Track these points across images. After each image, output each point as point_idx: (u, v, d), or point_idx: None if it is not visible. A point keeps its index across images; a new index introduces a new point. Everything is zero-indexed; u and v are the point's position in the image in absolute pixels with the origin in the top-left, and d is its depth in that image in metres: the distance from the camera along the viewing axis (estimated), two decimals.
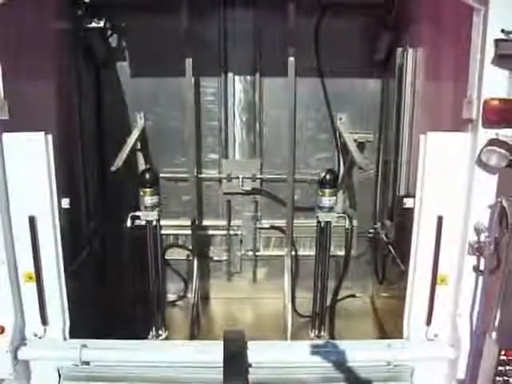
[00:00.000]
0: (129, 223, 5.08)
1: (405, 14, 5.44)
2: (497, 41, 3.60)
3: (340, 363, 4.28)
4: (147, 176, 5.05)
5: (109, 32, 5.91)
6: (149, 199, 5.03)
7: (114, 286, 6.01)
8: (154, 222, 5.11)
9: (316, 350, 4.30)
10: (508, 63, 3.66)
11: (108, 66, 6.07)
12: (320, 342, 4.65)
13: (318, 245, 5.40)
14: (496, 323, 3.85)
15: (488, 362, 3.86)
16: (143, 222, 5.09)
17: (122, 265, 5.43)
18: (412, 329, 4.36)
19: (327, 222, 5.20)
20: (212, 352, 4.18)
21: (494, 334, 3.85)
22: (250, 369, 4.18)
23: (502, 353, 3.76)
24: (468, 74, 3.86)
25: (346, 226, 5.44)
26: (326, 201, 5.10)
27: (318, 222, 5.25)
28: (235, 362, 4.07)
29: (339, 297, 6.23)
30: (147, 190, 5.01)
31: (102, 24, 5.63)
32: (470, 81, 3.82)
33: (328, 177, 5.08)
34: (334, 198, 5.13)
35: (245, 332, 4.38)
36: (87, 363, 4.30)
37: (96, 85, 6.08)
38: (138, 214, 5.07)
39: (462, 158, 3.95)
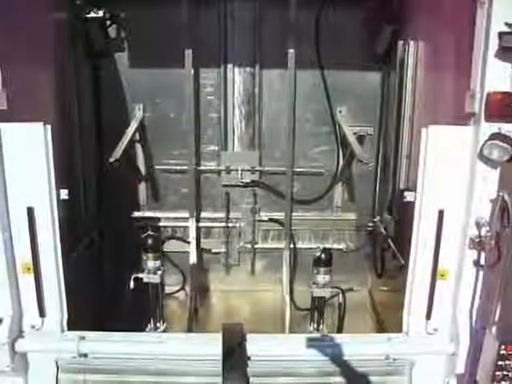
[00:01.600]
0: (131, 285, 5.16)
1: (406, 6, 5.41)
2: (500, 34, 3.56)
3: (339, 357, 4.27)
4: (150, 241, 5.15)
5: (108, 22, 5.86)
6: (151, 263, 5.19)
7: (112, 278, 5.98)
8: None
9: (315, 344, 4.29)
10: (511, 56, 3.63)
11: (107, 57, 6.03)
12: (319, 335, 4.63)
13: (312, 318, 5.50)
14: (496, 318, 3.84)
15: (488, 357, 3.86)
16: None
17: (120, 256, 5.40)
18: (411, 323, 4.33)
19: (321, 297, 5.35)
20: (211, 345, 4.16)
21: (493, 329, 3.85)
22: (248, 361, 4.17)
23: (502, 347, 3.75)
24: (470, 67, 3.83)
25: (339, 301, 5.57)
26: (321, 279, 5.26)
27: (313, 297, 5.38)
28: (234, 354, 4.06)
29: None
30: (150, 254, 5.15)
31: (101, 14, 5.58)
32: (473, 74, 3.79)
33: (323, 256, 5.23)
34: (328, 276, 5.27)
35: (243, 325, 4.37)
36: (85, 355, 4.28)
37: (95, 75, 6.04)
38: (140, 275, 5.18)
39: (463, 151, 3.92)
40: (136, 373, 4.32)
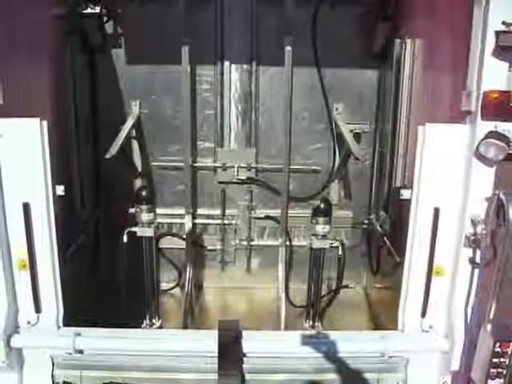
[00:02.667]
0: (125, 239, 5.14)
1: (403, 4, 5.41)
2: (497, 32, 3.58)
3: (334, 354, 4.28)
4: (143, 193, 5.09)
5: (105, 18, 5.85)
6: (145, 216, 5.10)
7: (108, 274, 5.98)
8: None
9: (311, 341, 4.31)
10: (508, 55, 3.64)
11: (103, 53, 6.01)
12: (315, 332, 4.65)
13: (311, 271, 5.50)
14: (491, 315, 3.86)
15: (482, 354, 3.88)
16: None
17: (116, 253, 5.40)
18: (407, 320, 4.36)
19: (320, 248, 5.31)
20: (207, 341, 4.18)
21: (488, 326, 3.86)
22: (244, 358, 4.18)
23: (497, 345, 3.77)
24: (467, 66, 3.85)
25: (339, 254, 5.52)
26: (320, 229, 5.23)
27: (311, 248, 5.36)
28: (230, 351, 4.07)
29: (333, 287, 6.22)
30: (143, 206, 5.08)
31: (97, 10, 5.58)
32: (470, 72, 3.81)
33: (323, 206, 5.21)
34: (328, 226, 5.25)
35: (239, 321, 4.38)
36: (81, 351, 4.28)
37: (91, 72, 6.02)
38: (134, 229, 5.13)
39: (460, 149, 3.94)
40: (132, 369, 4.33)
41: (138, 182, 6.33)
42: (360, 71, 6.08)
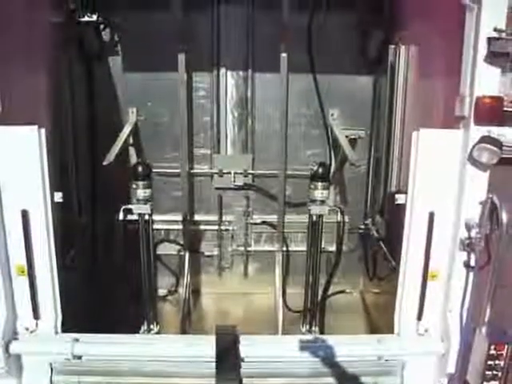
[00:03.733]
0: (121, 216, 5.04)
1: (397, 11, 5.46)
2: (489, 39, 3.63)
3: (331, 357, 4.30)
4: (140, 169, 5.00)
5: (102, 26, 5.89)
6: (141, 192, 4.97)
7: (105, 281, 5.99)
8: (147, 216, 5.08)
9: (308, 345, 4.33)
10: (500, 61, 3.69)
11: (100, 61, 6.05)
12: (312, 336, 4.67)
13: (309, 239, 5.41)
14: (486, 318, 3.90)
15: (478, 357, 3.91)
16: (135, 217, 5.05)
17: (114, 259, 5.42)
18: (403, 324, 4.39)
19: (319, 215, 5.21)
20: (204, 346, 4.20)
21: (483, 329, 3.90)
22: (242, 363, 4.20)
23: (492, 347, 3.81)
24: (460, 72, 3.90)
25: (338, 219, 5.40)
26: (318, 194, 5.10)
27: (310, 215, 5.25)
28: (228, 356, 4.09)
29: (329, 292, 6.24)
30: (140, 183, 4.96)
31: (94, 18, 5.60)
32: (463, 78, 3.86)
33: (320, 170, 5.10)
34: (327, 191, 5.13)
35: (237, 326, 4.40)
36: (79, 357, 4.29)
37: (88, 79, 6.05)
38: (130, 206, 5.02)
39: (453, 154, 3.99)
40: (130, 374, 4.34)
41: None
42: (355, 77, 6.14)
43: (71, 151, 5.54)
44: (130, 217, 5.95)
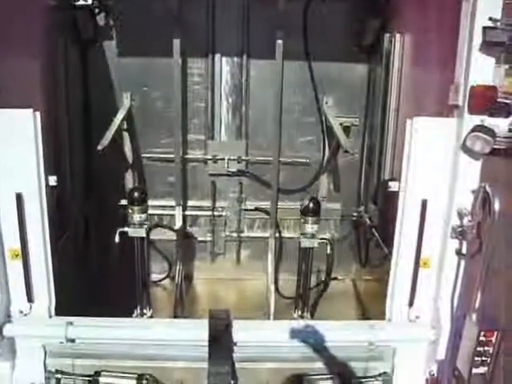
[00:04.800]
0: (117, 239, 5.09)
1: None
2: (485, 28, 3.64)
3: (323, 343, 4.35)
4: (135, 194, 5.08)
5: (96, 10, 5.85)
6: (137, 217, 5.07)
7: (99, 264, 6.02)
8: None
9: (300, 330, 4.37)
10: (495, 51, 3.71)
11: (95, 45, 6.02)
12: (304, 322, 4.70)
13: (300, 268, 5.50)
14: (476, 305, 3.94)
15: (468, 343, 3.96)
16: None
17: (107, 243, 5.42)
18: (394, 310, 4.43)
19: (309, 247, 5.34)
20: (197, 330, 4.22)
21: (474, 316, 3.94)
22: (234, 347, 4.24)
23: (482, 334, 3.86)
24: (455, 61, 3.92)
25: (328, 252, 5.47)
26: (309, 228, 5.24)
27: (300, 248, 5.37)
28: (220, 340, 4.12)
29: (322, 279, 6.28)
30: (135, 207, 5.05)
31: (89, 2, 5.58)
32: (457, 67, 3.88)
33: (311, 205, 5.21)
34: (317, 225, 5.25)
35: (229, 311, 4.43)
36: (73, 340, 4.32)
37: (83, 63, 6.02)
38: (126, 229, 5.09)
39: (447, 142, 4.02)
40: (123, 358, 4.36)
41: (129, 174, 6.36)
42: (350, 65, 6.14)
43: (65, 135, 5.53)
44: (122, 202, 6.03)
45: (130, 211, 5.07)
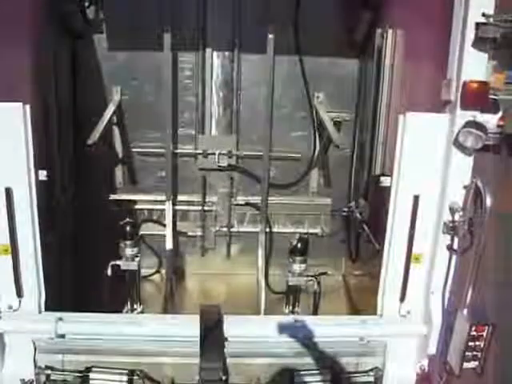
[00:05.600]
0: (109, 272, 5.18)
1: None
2: (477, 24, 3.65)
3: (314, 338, 4.36)
4: (128, 229, 5.19)
5: (86, 3, 5.79)
6: (129, 251, 5.25)
7: (88, 260, 5.97)
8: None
9: (292, 325, 4.38)
10: (487, 46, 3.72)
11: (85, 38, 5.96)
12: (295, 317, 4.70)
13: (286, 301, 5.63)
14: (467, 300, 3.96)
15: (459, 338, 3.99)
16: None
17: (97, 238, 5.40)
18: (385, 305, 4.46)
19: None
20: (189, 326, 4.22)
21: (465, 311, 3.97)
22: (226, 342, 4.23)
23: (473, 328, 3.88)
24: (447, 56, 3.92)
25: (315, 289, 5.51)
26: (297, 267, 5.38)
27: (288, 285, 5.49)
28: (212, 335, 4.12)
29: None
30: (128, 242, 5.22)
31: None
32: (450, 63, 3.89)
33: (299, 246, 5.33)
34: (304, 265, 5.38)
35: (220, 306, 4.43)
36: (62, 336, 4.30)
37: (72, 57, 5.96)
38: (118, 262, 5.23)
39: (439, 138, 4.03)
40: (114, 353, 4.35)
41: (119, 169, 6.32)
42: (341, 60, 6.12)
43: (55, 129, 5.47)
44: (112, 196, 6.00)
45: (122, 246, 5.24)
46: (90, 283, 5.60)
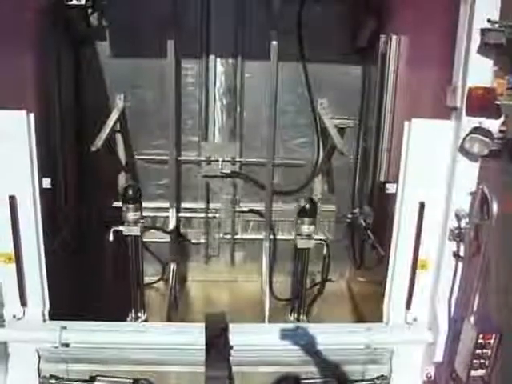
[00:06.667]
0: (110, 237, 5.08)
1: (388, 0, 5.45)
2: (483, 30, 3.64)
3: (320, 346, 4.33)
4: (130, 192, 5.03)
5: (89, 10, 5.80)
6: (132, 215, 5.04)
7: (93, 268, 5.95)
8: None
9: (297, 333, 4.35)
10: (493, 52, 3.71)
11: (88, 45, 5.97)
12: (301, 324, 4.68)
13: (295, 267, 5.49)
14: (474, 308, 3.94)
15: (466, 346, 3.95)
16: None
17: (101, 246, 5.37)
18: (391, 313, 4.43)
19: (305, 248, 5.32)
20: (194, 334, 4.19)
21: (472, 318, 3.94)
22: (231, 351, 4.20)
23: (480, 336, 3.85)
24: (451, 62, 3.91)
25: (324, 253, 5.51)
26: (305, 229, 5.23)
27: (296, 248, 5.35)
28: (217, 344, 4.09)
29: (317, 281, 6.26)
30: (130, 206, 5.02)
31: (82, 2, 5.52)
32: (455, 69, 3.88)
33: (308, 206, 5.20)
34: (313, 226, 5.24)
35: (226, 314, 4.40)
36: (67, 345, 4.26)
37: (76, 64, 5.97)
38: (120, 228, 5.07)
39: (445, 144, 4.01)
40: (118, 362, 4.32)
41: (122, 176, 6.31)
42: (345, 66, 6.11)
43: (58, 136, 5.47)
44: (116, 204, 5.97)
45: (124, 209, 5.03)
46: (94, 291, 5.58)
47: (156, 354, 4.32)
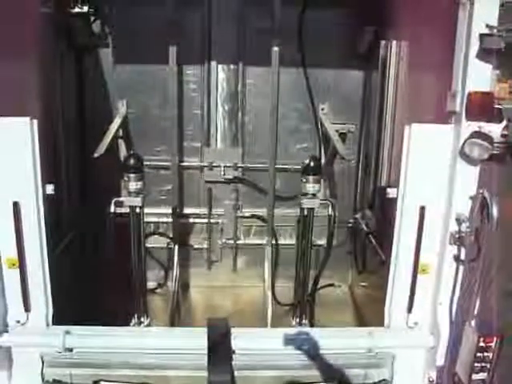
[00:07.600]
0: (112, 208, 5.01)
1: (388, 6, 5.48)
2: (481, 35, 3.67)
3: (322, 350, 4.34)
4: (131, 161, 4.91)
5: (92, 17, 5.84)
6: (133, 185, 4.88)
7: (96, 273, 5.98)
8: (138, 209, 5.03)
9: (299, 337, 4.36)
10: (492, 57, 3.73)
11: (91, 52, 6.01)
12: (303, 329, 4.70)
13: (299, 232, 5.39)
14: (475, 311, 3.95)
15: (467, 349, 3.97)
16: (126, 209, 5.02)
17: (104, 252, 5.39)
18: (393, 317, 4.44)
19: (310, 208, 5.17)
20: (196, 338, 4.21)
21: (473, 322, 3.95)
22: (233, 355, 4.22)
23: (481, 340, 3.86)
24: (451, 67, 3.94)
25: (329, 213, 5.40)
26: (310, 187, 5.07)
27: (301, 208, 5.21)
28: (219, 348, 4.11)
29: (318, 286, 6.26)
30: (131, 175, 4.86)
31: (85, 9, 5.56)
32: (455, 74, 3.90)
33: (312, 164, 5.06)
34: (318, 185, 5.10)
35: (228, 319, 4.42)
36: (70, 350, 4.29)
37: (78, 71, 6.01)
38: (121, 199, 4.98)
39: (445, 149, 4.03)
40: (121, 367, 4.34)
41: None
42: (346, 72, 6.16)
43: (61, 143, 5.51)
44: (120, 210, 5.98)
45: (125, 179, 4.89)
46: (97, 296, 5.60)
47: (159, 358, 4.34)
